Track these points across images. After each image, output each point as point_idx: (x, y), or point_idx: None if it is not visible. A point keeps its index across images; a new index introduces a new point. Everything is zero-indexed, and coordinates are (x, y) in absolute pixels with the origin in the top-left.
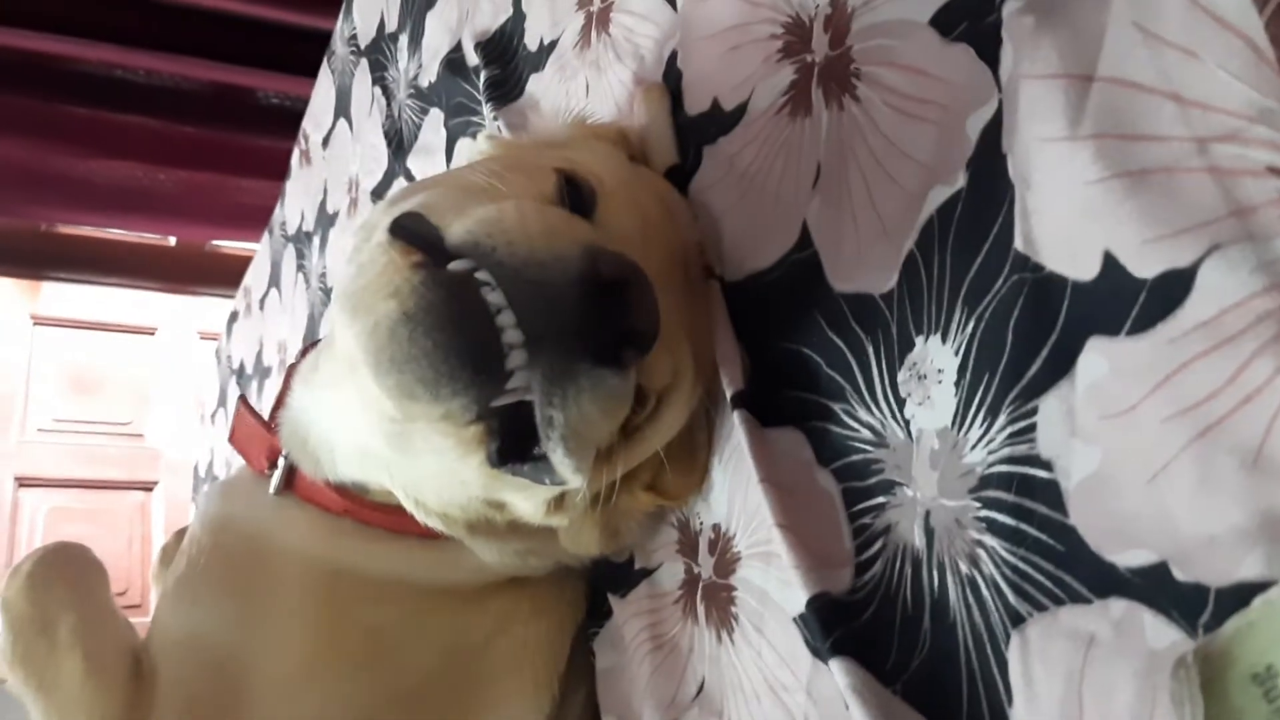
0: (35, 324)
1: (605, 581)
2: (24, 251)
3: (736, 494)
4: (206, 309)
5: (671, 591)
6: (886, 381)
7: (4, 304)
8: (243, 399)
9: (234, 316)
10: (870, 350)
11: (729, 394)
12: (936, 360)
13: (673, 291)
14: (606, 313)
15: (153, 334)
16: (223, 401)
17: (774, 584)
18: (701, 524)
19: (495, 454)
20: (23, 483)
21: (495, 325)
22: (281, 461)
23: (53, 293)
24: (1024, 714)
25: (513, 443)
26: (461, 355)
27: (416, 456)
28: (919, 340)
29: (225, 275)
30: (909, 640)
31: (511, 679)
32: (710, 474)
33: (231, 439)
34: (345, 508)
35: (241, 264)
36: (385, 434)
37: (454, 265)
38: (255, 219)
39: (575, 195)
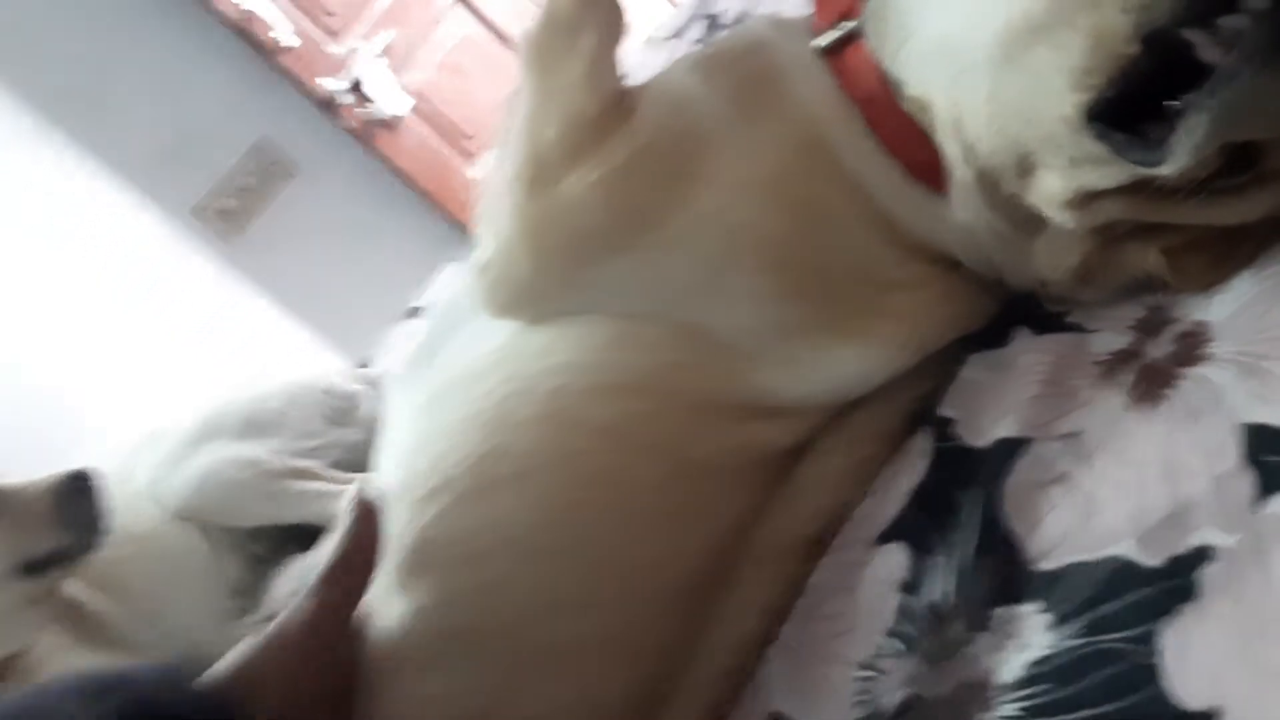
0: None
1: (1023, 314)
2: None
3: (1258, 307)
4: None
5: (1097, 354)
6: None
7: None
8: None
9: None
10: None
11: None
12: None
13: None
14: None
15: None
16: (678, 35)
17: (1241, 393)
18: (1184, 315)
19: (1104, 102)
20: (463, 3)
21: None
22: (846, 25)
23: None
24: None
25: (1121, 108)
26: None
27: (1004, 71)
28: None
29: None
30: None
31: (889, 326)
32: (1235, 280)
33: None
34: (870, 95)
35: None
36: (999, 37)
37: None
38: None
39: None
